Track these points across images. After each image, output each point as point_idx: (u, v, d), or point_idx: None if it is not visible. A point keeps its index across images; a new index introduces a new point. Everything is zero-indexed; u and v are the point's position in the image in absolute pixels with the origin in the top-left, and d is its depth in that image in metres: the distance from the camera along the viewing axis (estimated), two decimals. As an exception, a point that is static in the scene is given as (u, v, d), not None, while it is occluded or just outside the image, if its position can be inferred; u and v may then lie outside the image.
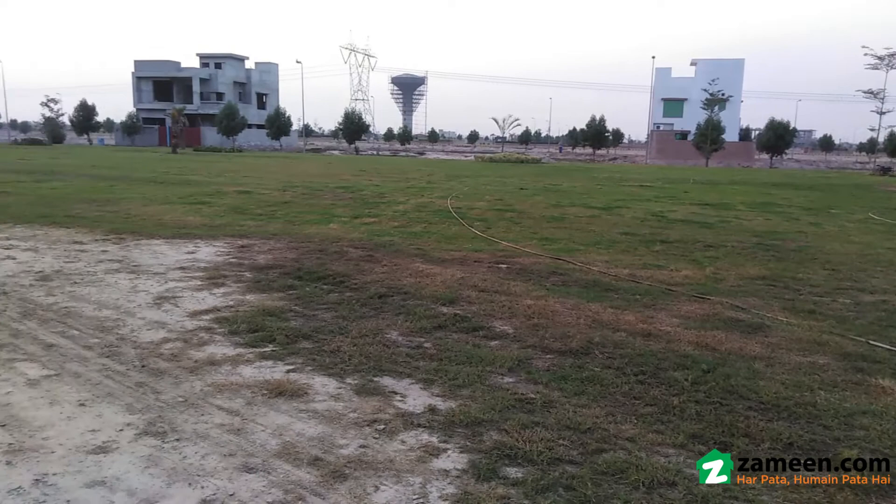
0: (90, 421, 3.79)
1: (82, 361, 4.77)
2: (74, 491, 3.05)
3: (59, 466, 3.27)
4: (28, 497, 3.00)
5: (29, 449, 3.44)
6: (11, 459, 3.33)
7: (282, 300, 6.59)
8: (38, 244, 9.54)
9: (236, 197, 17.22)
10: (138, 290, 6.92)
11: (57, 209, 13.55)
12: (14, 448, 3.45)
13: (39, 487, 3.08)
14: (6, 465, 3.27)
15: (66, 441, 3.54)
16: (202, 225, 11.81)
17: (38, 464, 3.29)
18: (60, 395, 4.17)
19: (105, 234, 10.58)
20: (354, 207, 15.38)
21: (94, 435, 3.62)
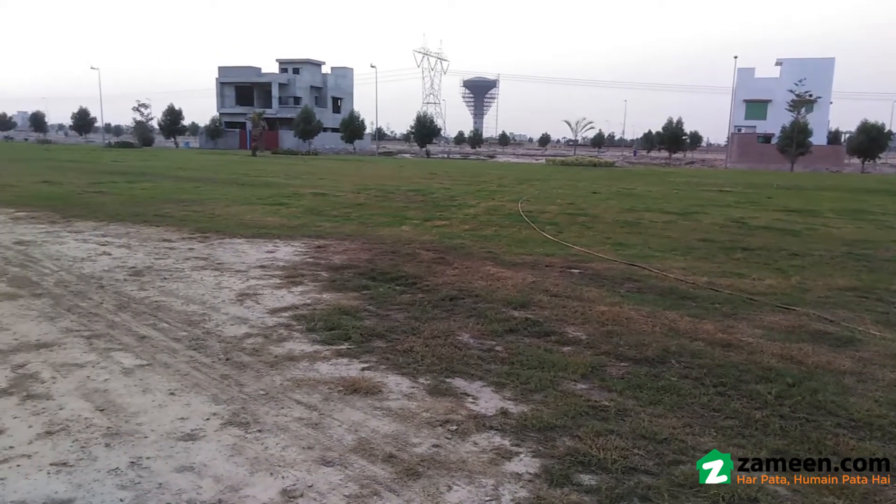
0: (179, 409, 4.00)
1: (171, 353, 5.03)
2: (166, 475, 3.23)
3: (152, 451, 3.47)
4: (125, 478, 3.20)
5: (125, 433, 3.67)
6: (110, 442, 3.55)
7: (356, 300, 6.75)
8: (130, 241, 10.11)
9: (312, 199, 17.70)
10: (222, 287, 7.22)
11: (147, 208, 14.31)
12: (112, 431, 3.68)
13: (135, 469, 3.27)
14: (105, 446, 3.50)
15: (158, 427, 3.75)
16: (280, 225, 12.21)
17: (133, 447, 3.50)
18: (152, 383, 4.41)
19: (191, 232, 11.09)
20: (425, 210, 15.54)
21: (182, 423, 3.82)
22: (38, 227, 11.28)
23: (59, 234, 10.67)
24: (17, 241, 9.75)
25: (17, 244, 9.53)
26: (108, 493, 3.06)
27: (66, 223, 11.88)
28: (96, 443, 3.54)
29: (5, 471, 3.23)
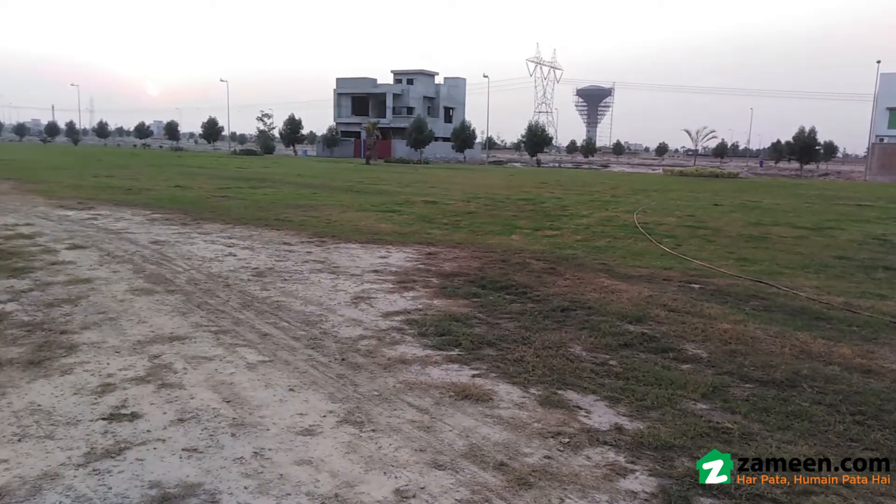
0: (298, 405, 4.16)
1: (291, 351, 5.25)
2: (286, 467, 3.37)
3: (273, 443, 3.63)
4: (249, 467, 3.36)
5: (249, 424, 3.86)
6: (235, 432, 3.75)
7: (467, 307, 6.77)
8: (253, 243, 10.70)
9: (424, 206, 18.02)
10: (338, 290, 7.48)
11: (269, 213, 15.12)
12: (237, 422, 3.89)
13: (258, 460, 3.44)
14: (231, 436, 3.70)
15: (279, 421, 3.92)
16: (393, 232, 12.51)
17: (256, 438, 3.68)
18: (273, 379, 4.62)
19: (309, 236, 11.59)
20: (536, 219, 15.41)
21: (301, 418, 3.97)
22: (171, 228, 12.19)
23: (189, 235, 11.48)
24: (153, 241, 10.57)
25: (153, 244, 10.33)
26: (233, 480, 3.23)
27: (196, 225, 12.76)
28: (223, 432, 3.75)
29: (143, 452, 3.48)
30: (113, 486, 3.14)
